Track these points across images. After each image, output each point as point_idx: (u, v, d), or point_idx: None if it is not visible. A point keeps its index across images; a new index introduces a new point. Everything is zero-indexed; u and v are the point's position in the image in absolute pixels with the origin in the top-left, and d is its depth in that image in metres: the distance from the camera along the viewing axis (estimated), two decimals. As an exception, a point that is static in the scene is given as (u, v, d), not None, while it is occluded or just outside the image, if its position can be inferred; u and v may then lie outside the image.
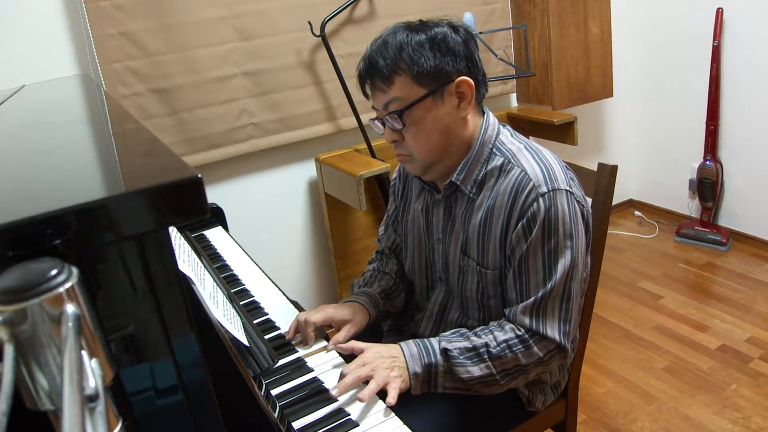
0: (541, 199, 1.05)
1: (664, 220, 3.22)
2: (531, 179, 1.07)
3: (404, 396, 1.06)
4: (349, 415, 0.98)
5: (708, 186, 2.89)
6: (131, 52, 1.93)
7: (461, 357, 1.08)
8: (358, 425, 0.96)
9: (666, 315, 2.44)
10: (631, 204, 3.43)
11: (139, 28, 1.93)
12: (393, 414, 0.98)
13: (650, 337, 2.31)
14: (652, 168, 3.28)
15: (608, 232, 1.34)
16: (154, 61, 1.97)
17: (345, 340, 1.18)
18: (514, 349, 1.08)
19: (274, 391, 1.05)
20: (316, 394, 1.04)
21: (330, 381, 1.07)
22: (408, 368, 1.07)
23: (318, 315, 1.21)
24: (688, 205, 3.13)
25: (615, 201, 2.46)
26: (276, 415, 0.98)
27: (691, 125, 2.96)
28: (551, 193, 1.05)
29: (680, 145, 3.06)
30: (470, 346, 1.09)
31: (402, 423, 0.96)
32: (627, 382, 2.07)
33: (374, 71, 1.09)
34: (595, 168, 1.29)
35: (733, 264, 2.76)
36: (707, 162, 2.87)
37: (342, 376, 1.04)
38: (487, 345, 1.08)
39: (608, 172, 1.26)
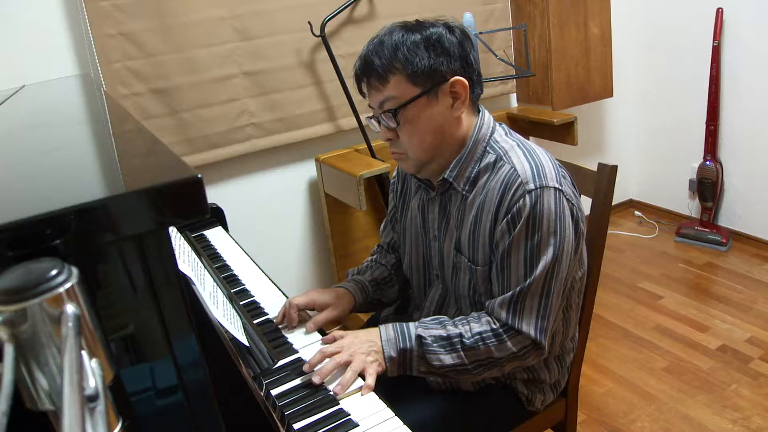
0: (527, 196, 1.06)
1: (664, 220, 3.22)
2: (519, 176, 1.07)
3: (404, 396, 1.06)
4: (349, 415, 0.98)
5: (708, 186, 2.89)
6: (131, 52, 1.93)
7: (435, 345, 1.10)
8: (358, 425, 0.96)
9: (666, 315, 2.44)
10: (631, 204, 3.43)
11: (139, 28, 1.93)
12: (393, 414, 0.98)
13: (650, 337, 2.31)
14: (652, 168, 3.28)
15: (608, 232, 1.34)
16: (154, 61, 1.97)
17: (324, 321, 1.24)
18: (488, 342, 1.09)
19: (274, 391, 1.05)
20: (316, 394, 1.04)
21: (330, 383, 1.07)
22: (383, 352, 1.10)
23: (301, 298, 1.27)
24: (688, 205, 3.13)
25: (615, 201, 2.47)
26: (276, 416, 0.98)
27: (691, 125, 2.96)
28: (538, 190, 1.06)
29: (680, 145, 3.06)
30: (445, 335, 1.11)
31: (402, 423, 0.96)
32: (627, 382, 2.07)
33: (370, 70, 1.10)
34: (595, 168, 1.29)
35: (733, 264, 2.76)
36: (707, 162, 2.87)
37: (320, 356, 1.08)
38: (461, 335, 1.10)
39: (608, 172, 1.26)
